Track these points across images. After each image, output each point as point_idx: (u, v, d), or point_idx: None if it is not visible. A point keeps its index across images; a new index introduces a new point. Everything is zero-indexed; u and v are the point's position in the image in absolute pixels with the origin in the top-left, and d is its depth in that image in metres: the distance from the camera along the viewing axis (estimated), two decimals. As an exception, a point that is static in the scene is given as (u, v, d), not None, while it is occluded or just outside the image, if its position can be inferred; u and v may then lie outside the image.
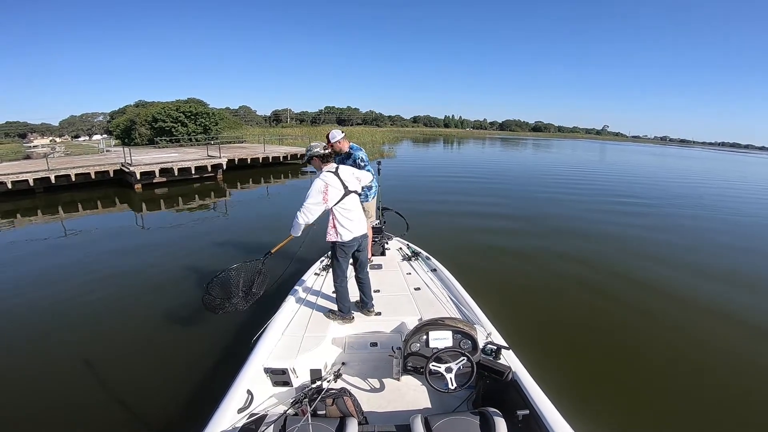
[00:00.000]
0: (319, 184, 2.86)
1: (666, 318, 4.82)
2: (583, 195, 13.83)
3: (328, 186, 2.86)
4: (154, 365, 3.73)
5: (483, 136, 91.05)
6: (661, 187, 17.24)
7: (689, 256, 7.35)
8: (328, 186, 2.86)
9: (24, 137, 64.76)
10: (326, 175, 2.92)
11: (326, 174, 2.93)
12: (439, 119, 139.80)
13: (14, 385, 3.44)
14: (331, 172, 2.94)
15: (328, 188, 2.86)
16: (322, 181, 2.87)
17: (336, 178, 2.92)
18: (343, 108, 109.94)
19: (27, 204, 11.10)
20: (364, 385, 2.72)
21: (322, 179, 2.88)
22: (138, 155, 15.83)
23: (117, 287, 5.40)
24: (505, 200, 12.10)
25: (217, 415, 2.09)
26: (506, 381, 2.31)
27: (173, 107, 27.52)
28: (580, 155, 38.96)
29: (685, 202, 13.48)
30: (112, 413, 3.10)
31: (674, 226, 9.74)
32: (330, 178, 2.90)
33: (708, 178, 22.78)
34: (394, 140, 43.80)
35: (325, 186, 2.85)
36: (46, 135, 72.43)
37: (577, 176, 19.46)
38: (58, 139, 66.01)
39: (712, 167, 33.96)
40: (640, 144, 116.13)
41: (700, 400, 3.41)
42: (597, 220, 9.99)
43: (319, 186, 2.85)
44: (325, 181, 2.87)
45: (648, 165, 31.21)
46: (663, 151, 67.90)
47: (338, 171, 2.96)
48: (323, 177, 2.90)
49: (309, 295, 3.57)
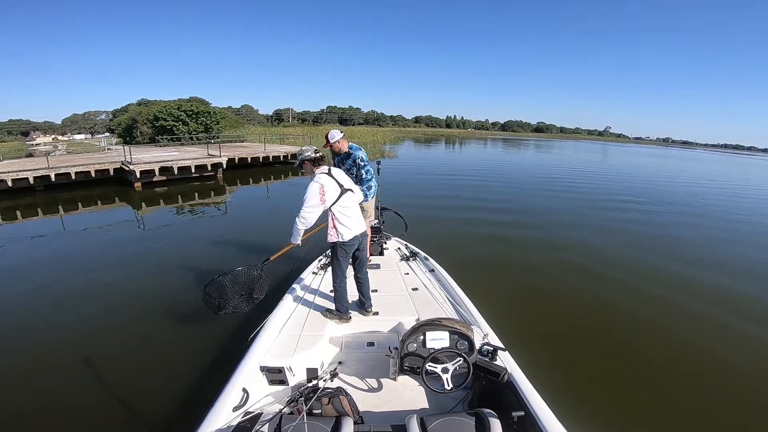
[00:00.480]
0: (315, 186, 2.88)
1: (663, 320, 4.80)
2: (582, 196, 13.78)
3: (323, 187, 2.88)
4: (149, 363, 3.73)
5: (485, 136, 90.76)
6: (661, 189, 17.16)
7: (688, 258, 7.29)
8: (323, 187, 2.88)
9: (27, 135, 65.10)
10: (320, 177, 2.94)
11: (320, 176, 2.96)
12: (441, 119, 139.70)
13: (11, 382, 3.44)
14: (324, 174, 2.97)
15: (324, 189, 2.87)
16: (317, 183, 2.90)
17: (330, 179, 2.95)
18: (344, 108, 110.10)
19: (27, 201, 11.12)
20: (361, 384, 2.72)
21: (316, 181, 2.91)
22: (139, 154, 15.85)
23: (114, 285, 5.40)
24: (504, 201, 12.03)
25: (212, 412, 2.09)
26: (502, 382, 2.31)
27: (174, 106, 27.55)
28: (582, 156, 38.80)
29: (685, 203, 13.39)
30: (106, 410, 3.10)
31: (674, 228, 9.66)
32: (324, 179, 2.93)
33: (712, 180, 22.61)
34: (395, 140, 43.73)
35: (320, 187, 2.87)
36: (49, 133, 72.75)
37: (577, 177, 19.35)
38: (61, 137, 66.30)
39: (717, 170, 33.64)
40: (642, 145, 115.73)
41: (697, 401, 3.40)
42: (595, 221, 9.93)
43: (314, 188, 2.87)
44: (321, 183, 2.89)
45: (649, 166, 31.00)
46: (665, 152, 67.59)
47: (331, 171, 3.00)
48: (318, 179, 2.93)
49: (306, 294, 3.57)
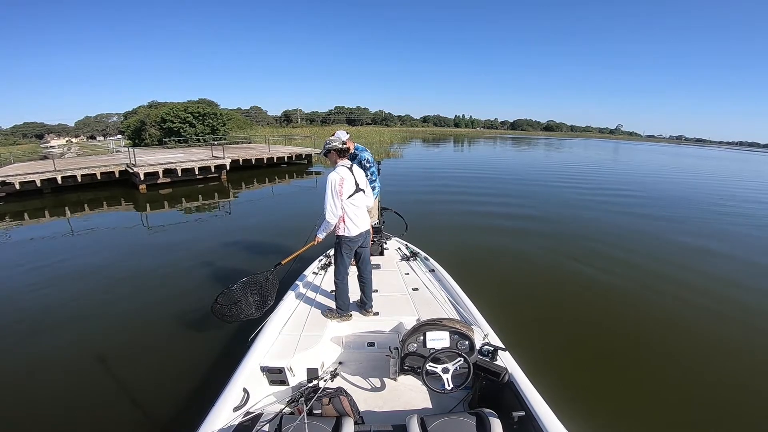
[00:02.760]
0: (335, 176, 2.92)
1: (664, 320, 4.75)
2: (586, 195, 13.57)
3: (343, 179, 2.93)
4: (151, 363, 3.75)
5: (494, 135, 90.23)
6: (666, 187, 16.89)
7: (691, 259, 7.11)
8: (343, 179, 2.93)
9: (41, 138, 66.49)
10: (341, 170, 2.98)
11: (341, 168, 2.99)
12: (449, 119, 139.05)
13: (11, 382, 3.47)
14: (346, 167, 3.01)
15: (343, 181, 2.92)
16: (338, 174, 2.94)
17: (350, 173, 3.00)
18: (352, 108, 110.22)
19: (36, 204, 11.32)
20: (361, 384, 2.72)
21: (337, 173, 2.95)
22: (144, 156, 16.01)
23: (115, 286, 5.50)
24: (506, 201, 11.86)
25: (213, 412, 2.10)
26: (503, 382, 2.32)
27: (181, 108, 27.77)
28: (592, 155, 38.13)
29: (690, 204, 13.04)
30: (107, 410, 3.13)
31: (678, 229, 9.37)
32: (344, 172, 2.97)
33: (740, 180, 21.99)
34: (402, 140, 43.67)
35: (340, 179, 2.92)
36: (63, 135, 74.27)
37: (582, 176, 19.01)
38: (74, 139, 67.64)
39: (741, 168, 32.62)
40: (655, 143, 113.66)
41: (698, 402, 3.39)
42: (597, 221, 9.77)
43: (335, 177, 2.92)
44: (341, 175, 2.94)
45: (663, 164, 30.36)
46: (678, 150, 66.23)
47: (353, 168, 3.05)
48: (338, 171, 2.97)
49: (307, 294, 3.57)
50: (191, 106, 28.22)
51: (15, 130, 77.65)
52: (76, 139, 69.65)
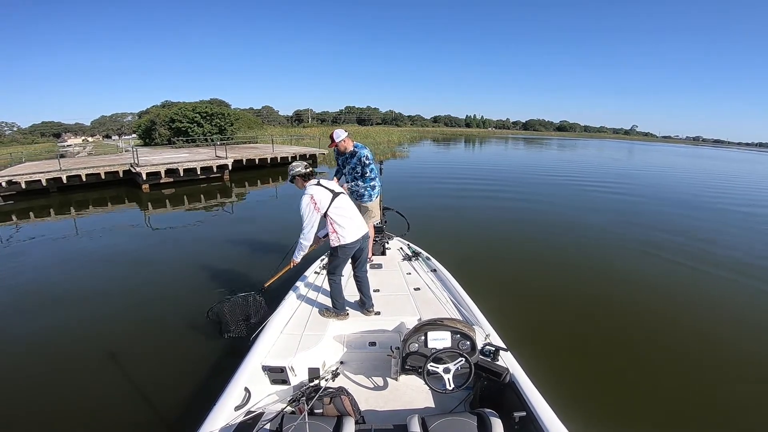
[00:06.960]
0: (306, 198, 2.95)
1: (665, 321, 4.68)
2: (591, 196, 13.29)
3: (313, 196, 2.95)
4: (153, 362, 3.75)
5: (505, 136, 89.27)
6: (671, 188, 16.46)
7: (694, 259, 6.89)
8: (313, 196, 2.95)
9: (59, 137, 68.10)
10: (309, 188, 3.02)
11: (309, 187, 3.03)
12: (460, 119, 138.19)
13: (12, 382, 3.47)
14: (313, 185, 3.04)
15: (314, 197, 2.95)
16: (308, 194, 2.97)
17: (320, 187, 3.02)
18: (363, 108, 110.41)
19: (41, 203, 11.48)
20: (363, 384, 2.73)
21: (307, 193, 2.98)
22: (149, 155, 16.13)
23: (118, 285, 5.51)
24: (508, 201, 11.64)
25: (215, 412, 2.11)
26: (504, 382, 2.32)
27: (189, 108, 27.99)
28: (605, 156, 37.29)
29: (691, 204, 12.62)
30: (108, 409, 3.13)
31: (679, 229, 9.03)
32: (313, 188, 3.00)
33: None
34: (412, 140, 43.42)
35: (310, 198, 2.95)
36: (79, 134, 76.04)
37: (592, 177, 18.45)
38: (90, 138, 69.19)
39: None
40: (671, 144, 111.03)
41: (699, 402, 3.36)
42: (599, 223, 9.49)
43: (306, 200, 2.95)
44: (310, 193, 2.97)
45: (663, 165, 29.55)
46: (695, 152, 64.46)
47: (320, 182, 3.08)
48: (308, 191, 3.00)
49: (308, 294, 3.58)
50: (199, 106, 28.35)
51: (33, 129, 79.58)
52: (92, 138, 71.20)
